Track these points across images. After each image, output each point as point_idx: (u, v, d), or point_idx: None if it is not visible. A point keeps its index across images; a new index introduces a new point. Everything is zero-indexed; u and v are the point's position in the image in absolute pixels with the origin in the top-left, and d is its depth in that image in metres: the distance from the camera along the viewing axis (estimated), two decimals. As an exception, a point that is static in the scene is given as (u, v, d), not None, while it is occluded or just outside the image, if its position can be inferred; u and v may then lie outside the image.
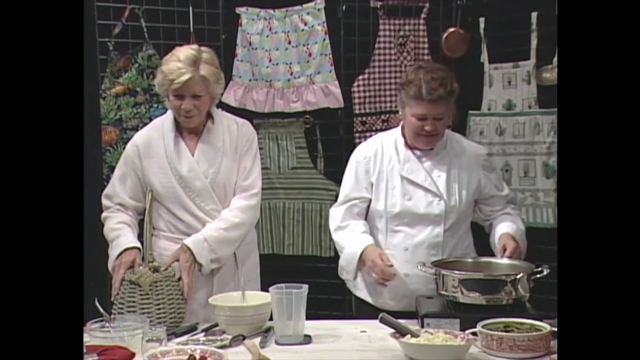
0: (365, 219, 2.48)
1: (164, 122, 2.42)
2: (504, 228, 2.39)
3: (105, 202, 2.42)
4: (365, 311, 2.46)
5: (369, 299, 2.48)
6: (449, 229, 2.40)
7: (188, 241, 2.29)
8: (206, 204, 2.37)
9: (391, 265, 2.28)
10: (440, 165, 2.41)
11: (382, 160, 2.44)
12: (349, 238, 2.40)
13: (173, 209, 2.37)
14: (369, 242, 2.35)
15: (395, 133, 2.48)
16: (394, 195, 2.40)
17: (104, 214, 2.42)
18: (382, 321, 1.98)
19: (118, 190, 2.40)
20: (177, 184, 2.36)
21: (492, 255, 2.39)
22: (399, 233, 2.40)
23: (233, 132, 2.43)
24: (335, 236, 2.46)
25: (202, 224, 2.35)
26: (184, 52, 2.33)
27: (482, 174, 2.45)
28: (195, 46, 2.42)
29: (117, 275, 2.21)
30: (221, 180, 2.38)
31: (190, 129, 2.40)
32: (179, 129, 2.40)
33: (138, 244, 2.30)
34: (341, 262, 2.42)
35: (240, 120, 2.50)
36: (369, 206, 2.46)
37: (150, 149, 2.38)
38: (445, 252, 2.38)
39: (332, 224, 2.48)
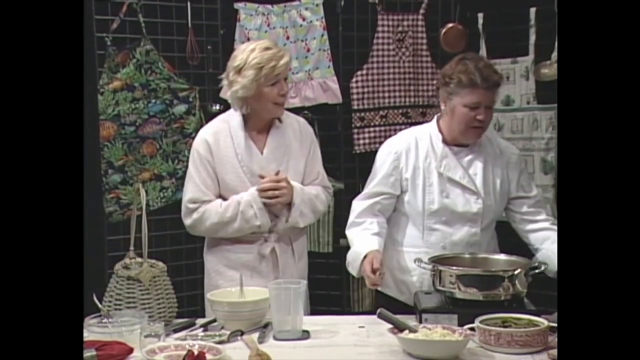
0: (389, 215, 2.44)
1: (229, 121, 2.43)
2: (528, 214, 2.39)
3: (192, 206, 2.39)
4: (392, 309, 2.42)
5: (399, 297, 2.43)
6: (485, 227, 2.38)
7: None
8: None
9: (379, 272, 2.20)
10: (476, 162, 2.37)
11: (416, 156, 2.39)
12: (359, 237, 2.36)
13: None
14: (374, 247, 2.29)
15: (430, 127, 2.42)
16: (432, 192, 2.36)
17: (195, 216, 2.38)
18: (380, 316, 1.98)
19: (204, 190, 2.39)
20: (249, 181, 2.39)
21: (516, 254, 2.33)
22: (437, 231, 2.37)
23: (297, 131, 2.49)
24: (348, 232, 2.43)
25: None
26: (262, 41, 2.43)
27: (510, 174, 2.41)
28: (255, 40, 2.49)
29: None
30: (289, 179, 2.40)
31: (259, 128, 2.43)
32: (247, 129, 2.42)
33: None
34: (348, 257, 2.39)
35: (301, 120, 2.55)
36: (393, 203, 2.42)
37: (220, 147, 2.40)
38: (481, 251, 2.35)
39: (350, 217, 2.45)
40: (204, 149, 2.41)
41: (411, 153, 2.39)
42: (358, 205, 2.44)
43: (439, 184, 2.36)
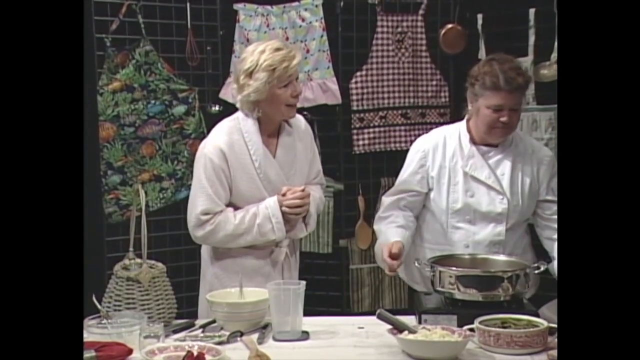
0: (418, 212, 2.48)
1: (243, 127, 2.34)
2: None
3: (204, 217, 2.31)
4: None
5: (427, 291, 2.42)
6: (511, 227, 2.39)
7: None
8: None
9: (396, 258, 2.25)
10: (504, 162, 2.38)
11: (443, 155, 2.42)
12: (384, 229, 2.41)
13: None
14: (398, 237, 2.33)
15: (459, 127, 2.45)
16: (456, 191, 2.39)
17: (207, 228, 2.31)
18: (380, 317, 1.98)
19: (217, 202, 2.31)
20: (264, 188, 2.35)
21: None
22: (460, 230, 2.40)
23: (301, 132, 2.46)
24: (375, 226, 2.50)
25: None
26: (272, 42, 2.36)
27: (541, 176, 2.41)
28: (263, 41, 2.45)
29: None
30: (297, 181, 2.40)
31: (270, 132, 2.38)
32: (260, 132, 2.37)
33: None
34: (376, 249, 2.42)
35: (303, 120, 2.51)
36: (421, 200, 2.47)
37: (236, 155, 2.33)
38: (506, 251, 2.37)
39: (378, 212, 2.52)
40: (219, 158, 2.30)
41: (438, 151, 2.43)
42: (385, 201, 2.50)
43: (464, 183, 2.38)
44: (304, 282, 2.08)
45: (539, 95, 3.20)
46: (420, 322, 2.05)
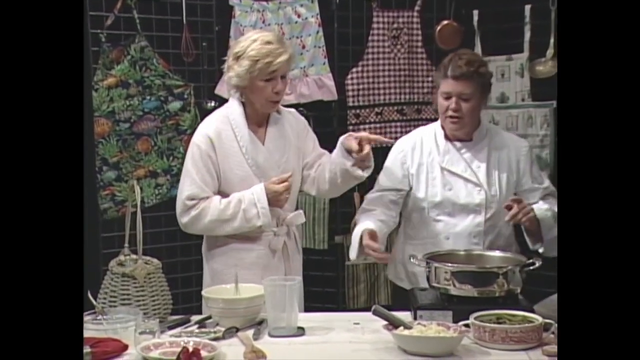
0: (399, 211, 2.55)
1: (230, 114, 2.39)
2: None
3: (190, 202, 2.33)
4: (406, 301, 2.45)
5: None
6: (490, 218, 2.45)
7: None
8: None
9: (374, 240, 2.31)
10: (479, 155, 2.48)
11: (421, 153, 2.52)
12: (364, 220, 2.45)
13: None
14: (369, 226, 2.38)
15: (435, 126, 2.56)
16: (435, 186, 2.47)
17: (192, 213, 2.33)
18: (375, 313, 1.99)
19: (203, 187, 2.34)
20: (254, 174, 2.37)
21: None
22: (440, 222, 2.47)
23: (292, 120, 2.50)
24: (356, 217, 2.56)
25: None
26: (266, 34, 2.36)
27: (522, 166, 2.50)
28: (262, 29, 2.46)
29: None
30: (290, 168, 2.41)
31: (257, 120, 2.41)
32: (246, 119, 2.40)
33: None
34: (353, 238, 2.43)
35: (293, 110, 2.57)
36: (403, 198, 2.53)
37: (222, 141, 2.36)
38: (487, 242, 2.45)
39: (361, 205, 2.59)
40: (206, 145, 2.34)
41: (416, 150, 2.53)
42: (369, 196, 2.57)
43: (442, 177, 2.47)
44: (299, 278, 2.08)
45: (534, 91, 3.21)
46: (415, 318, 2.05)
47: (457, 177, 2.46)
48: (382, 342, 1.95)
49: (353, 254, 2.41)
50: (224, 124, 2.39)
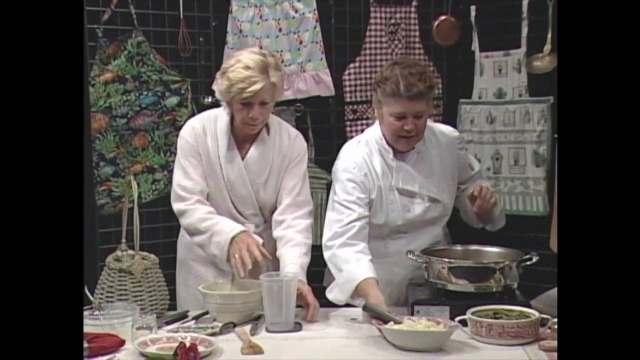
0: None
1: (216, 123, 2.37)
2: (472, 187, 2.40)
3: (182, 193, 2.35)
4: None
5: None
6: (444, 223, 2.44)
7: (300, 277, 2.23)
8: (247, 209, 2.40)
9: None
10: (425, 162, 2.37)
11: (376, 175, 2.34)
12: (355, 260, 2.25)
13: (214, 208, 2.36)
14: (371, 274, 2.16)
15: (375, 139, 2.37)
16: (394, 210, 2.35)
17: (181, 206, 2.35)
18: (366, 309, 1.99)
19: (195, 179, 2.35)
20: (224, 186, 2.36)
21: (464, 240, 2.39)
22: (400, 240, 2.39)
23: (285, 145, 2.41)
24: (339, 250, 2.34)
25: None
26: (251, 58, 2.25)
27: (458, 158, 2.45)
28: (258, 50, 2.37)
29: (253, 252, 2.17)
30: (266, 191, 2.39)
31: (243, 135, 2.37)
32: (233, 132, 2.37)
33: (244, 228, 2.29)
34: (346, 284, 2.25)
35: (294, 132, 2.47)
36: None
37: (205, 139, 2.37)
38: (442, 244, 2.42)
39: (343, 234, 2.31)
40: (193, 138, 2.37)
41: (371, 175, 2.34)
42: (355, 224, 2.29)
43: (400, 199, 2.35)
44: (297, 274, 2.08)
45: (532, 87, 3.20)
46: (412, 314, 2.06)
47: (414, 195, 2.35)
48: (375, 338, 1.95)
49: (343, 297, 2.21)
50: (208, 130, 2.38)
